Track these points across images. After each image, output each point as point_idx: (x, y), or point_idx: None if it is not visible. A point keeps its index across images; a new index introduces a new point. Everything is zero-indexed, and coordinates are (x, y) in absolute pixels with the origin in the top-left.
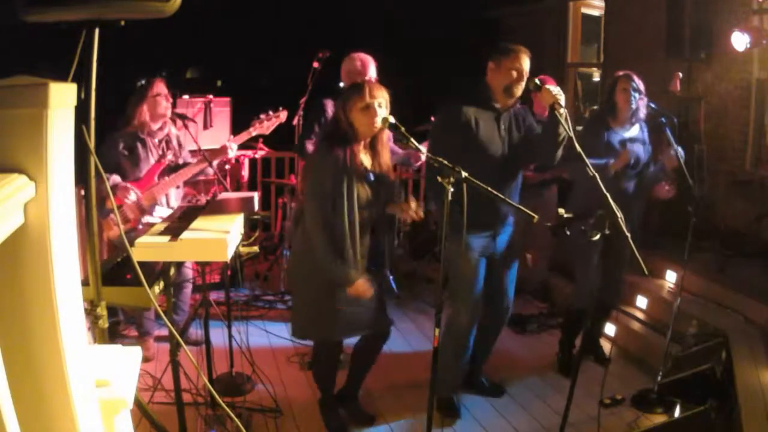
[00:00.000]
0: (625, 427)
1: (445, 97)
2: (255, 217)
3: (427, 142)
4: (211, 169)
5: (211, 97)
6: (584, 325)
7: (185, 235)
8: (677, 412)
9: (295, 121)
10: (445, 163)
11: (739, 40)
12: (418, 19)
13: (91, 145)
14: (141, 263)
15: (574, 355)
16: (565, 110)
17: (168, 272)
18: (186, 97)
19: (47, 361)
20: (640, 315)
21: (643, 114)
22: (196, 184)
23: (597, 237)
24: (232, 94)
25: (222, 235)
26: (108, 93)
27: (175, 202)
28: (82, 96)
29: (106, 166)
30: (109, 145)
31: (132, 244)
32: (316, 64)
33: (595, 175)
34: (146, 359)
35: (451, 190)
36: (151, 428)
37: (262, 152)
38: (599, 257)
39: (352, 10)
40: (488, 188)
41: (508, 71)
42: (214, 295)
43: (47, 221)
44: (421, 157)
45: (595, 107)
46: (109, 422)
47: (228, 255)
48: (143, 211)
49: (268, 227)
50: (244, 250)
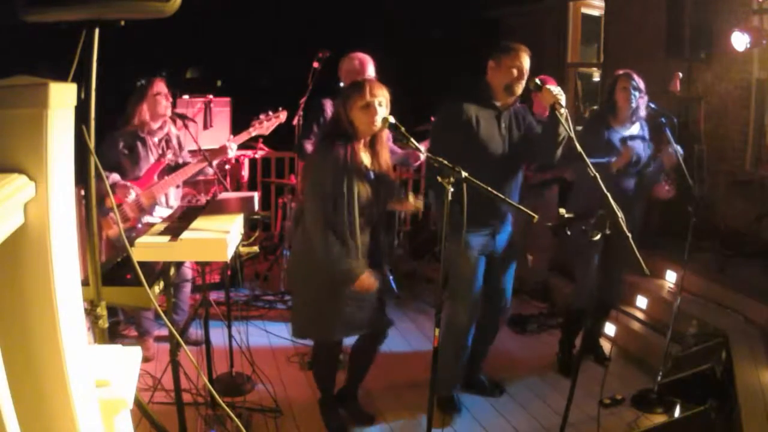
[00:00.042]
0: (625, 427)
1: (445, 97)
2: (255, 217)
3: (428, 141)
4: (211, 169)
5: (211, 97)
6: (584, 325)
7: (185, 235)
8: (677, 412)
9: (295, 121)
10: (445, 163)
11: (739, 40)
12: (418, 19)
13: (91, 145)
14: (141, 263)
15: (574, 355)
16: (565, 110)
17: (168, 272)
18: (186, 97)
19: (47, 361)
20: (640, 315)
21: (643, 112)
22: (196, 184)
23: (598, 237)
24: (232, 94)
25: (222, 235)
26: (108, 93)
27: (174, 202)
28: (82, 96)
29: (105, 164)
30: (109, 144)
31: (131, 244)
32: (316, 64)
33: (596, 175)
34: (146, 359)
35: (451, 190)
36: (151, 428)
37: (262, 152)
38: (599, 257)
39: (352, 10)
40: (488, 188)
41: (509, 69)
42: (214, 295)
43: (47, 221)
44: (419, 157)
45: (595, 107)
46: (109, 422)
47: (228, 255)
48: (142, 210)
49: (268, 227)
50: (244, 250)
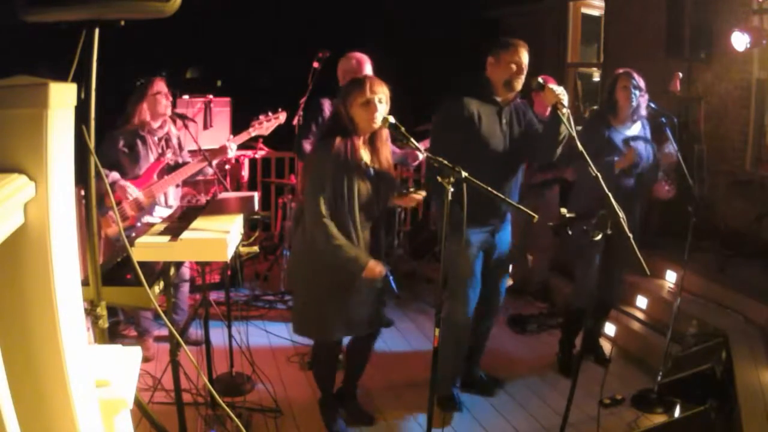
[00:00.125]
0: (625, 427)
1: (445, 95)
2: (255, 217)
3: (428, 140)
4: (211, 169)
5: (211, 97)
6: (584, 325)
7: (185, 235)
8: (677, 412)
9: (296, 121)
10: (445, 162)
11: (739, 40)
12: (418, 19)
13: (91, 145)
14: (141, 263)
15: (575, 356)
16: (567, 110)
17: (168, 272)
18: (186, 97)
19: (47, 361)
20: (640, 315)
21: (644, 111)
22: (196, 184)
23: (599, 237)
24: (232, 94)
25: (222, 235)
26: (108, 93)
27: (174, 201)
28: (82, 96)
29: (105, 163)
30: (109, 143)
31: (131, 243)
32: (316, 64)
33: (598, 174)
34: (146, 359)
35: (451, 190)
36: (151, 428)
37: (262, 152)
38: (600, 257)
39: (352, 10)
40: (488, 188)
41: (508, 65)
42: (214, 295)
43: (47, 221)
44: (418, 157)
45: (596, 107)
46: (109, 422)
47: (228, 255)
48: (142, 209)
49: (268, 227)
50: (244, 250)
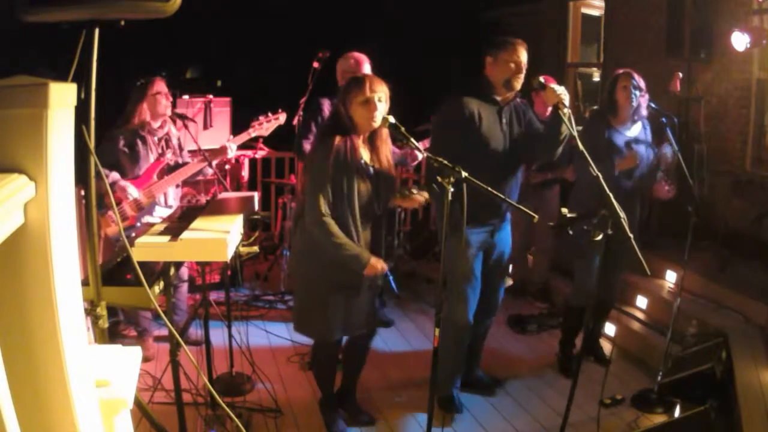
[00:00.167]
0: (625, 427)
1: (445, 95)
2: (255, 217)
3: (428, 140)
4: (211, 169)
5: (211, 97)
6: (584, 325)
7: (185, 235)
8: (677, 412)
9: (296, 121)
10: (445, 162)
11: (739, 40)
12: (418, 19)
13: (91, 145)
14: (141, 263)
15: (575, 356)
16: (568, 110)
17: (168, 272)
18: (186, 97)
19: (47, 361)
20: (640, 315)
21: (644, 112)
22: (196, 184)
23: (600, 237)
24: (232, 94)
25: (222, 235)
26: (108, 93)
27: (173, 202)
28: (82, 96)
29: (105, 162)
30: (109, 143)
31: (131, 243)
32: (316, 64)
33: (599, 174)
34: (146, 359)
35: (452, 190)
36: (151, 428)
37: (262, 152)
38: (600, 257)
39: (352, 10)
40: (488, 188)
41: (506, 64)
42: (214, 295)
43: (47, 221)
44: (417, 157)
45: (596, 107)
46: (109, 422)
47: (228, 255)
48: (141, 209)
49: (268, 227)
50: (244, 250)
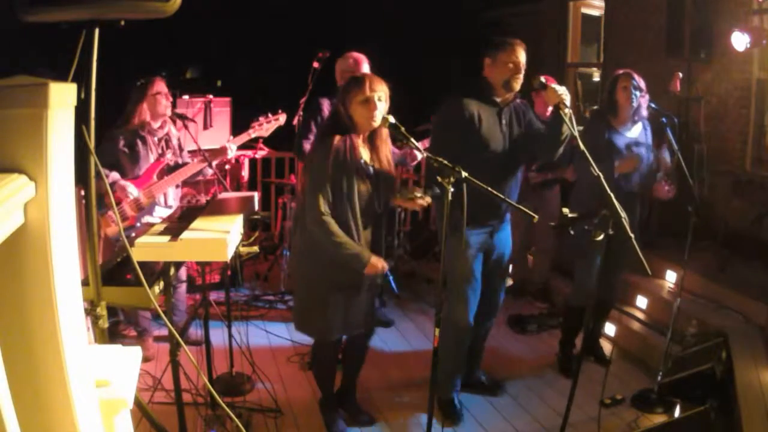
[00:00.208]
0: (625, 427)
1: (445, 95)
2: (255, 217)
3: (428, 140)
4: (211, 170)
5: (211, 97)
6: (584, 325)
7: (185, 235)
8: (677, 412)
9: (296, 121)
10: (445, 162)
11: (739, 40)
12: (418, 19)
13: (91, 145)
14: (141, 263)
15: (575, 356)
16: (569, 110)
17: (168, 272)
18: (186, 97)
19: (47, 361)
20: (640, 315)
21: (645, 112)
22: (196, 184)
23: (601, 237)
24: (232, 94)
25: (222, 235)
26: (108, 93)
27: (173, 202)
28: (82, 96)
29: (105, 162)
30: (109, 143)
31: (131, 243)
32: (316, 64)
33: (600, 175)
34: (146, 359)
35: (452, 190)
36: (151, 428)
37: (262, 152)
38: (601, 257)
39: (352, 10)
40: (488, 188)
41: (505, 65)
42: (214, 295)
43: (47, 221)
44: (417, 157)
45: (596, 107)
46: (109, 422)
47: (228, 255)
48: (141, 209)
49: (268, 227)
50: (244, 250)
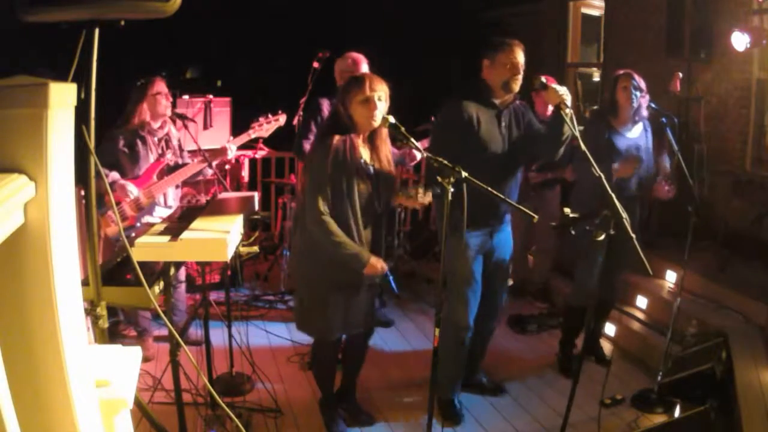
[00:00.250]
0: (625, 427)
1: (445, 96)
2: (255, 217)
3: (427, 140)
4: (210, 170)
5: (211, 97)
6: (584, 325)
7: (185, 235)
8: (677, 412)
9: (296, 121)
10: (445, 163)
11: (739, 40)
12: (418, 19)
13: (91, 145)
14: (141, 263)
15: (575, 356)
16: (570, 110)
17: (168, 272)
18: (186, 97)
19: (47, 361)
20: (640, 315)
21: (645, 112)
22: (196, 184)
23: (602, 237)
24: (232, 94)
25: (222, 235)
26: (108, 93)
27: (173, 202)
28: (82, 96)
29: (105, 162)
30: (109, 143)
31: (130, 243)
32: (316, 64)
33: (601, 175)
34: (146, 359)
35: (452, 190)
36: (151, 428)
37: (262, 152)
38: (602, 257)
39: (352, 10)
40: (488, 188)
41: (504, 66)
42: (214, 295)
43: (47, 221)
44: (416, 157)
45: (596, 107)
46: (109, 422)
47: (228, 255)
48: (141, 209)
49: (268, 227)
50: (244, 250)
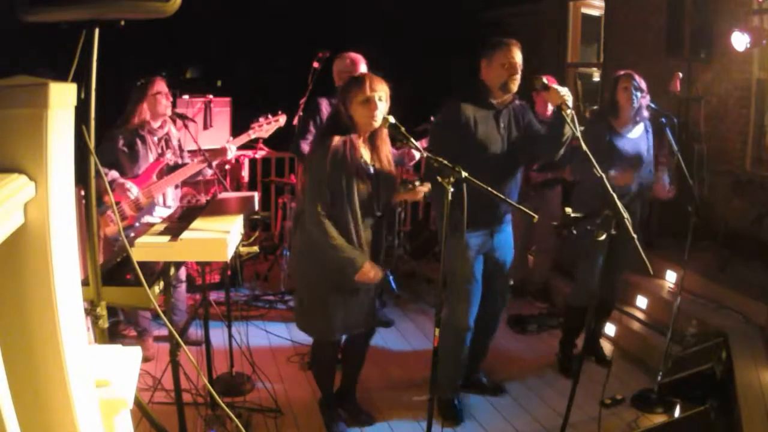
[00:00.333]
0: (625, 427)
1: (445, 97)
2: (255, 217)
3: (426, 141)
4: (210, 170)
5: (211, 97)
6: (585, 325)
7: (185, 235)
8: (677, 412)
9: (296, 121)
10: (445, 163)
11: (739, 40)
12: (418, 19)
13: (91, 145)
14: (141, 263)
15: (575, 356)
16: (571, 111)
17: (168, 272)
18: (186, 97)
19: (47, 361)
20: (640, 315)
21: (646, 113)
22: (196, 184)
23: (603, 237)
24: (232, 94)
25: (222, 235)
26: (108, 93)
27: (172, 202)
28: (82, 96)
29: (104, 161)
30: (109, 141)
31: (129, 243)
32: (316, 64)
33: (602, 175)
34: (146, 359)
35: (451, 190)
36: (151, 428)
37: (262, 152)
38: (603, 257)
39: (352, 10)
40: (488, 188)
41: (501, 66)
42: (214, 295)
43: (47, 221)
44: (414, 157)
45: (596, 107)
46: (109, 422)
47: (228, 255)
48: (140, 209)
49: (268, 227)
50: (244, 250)
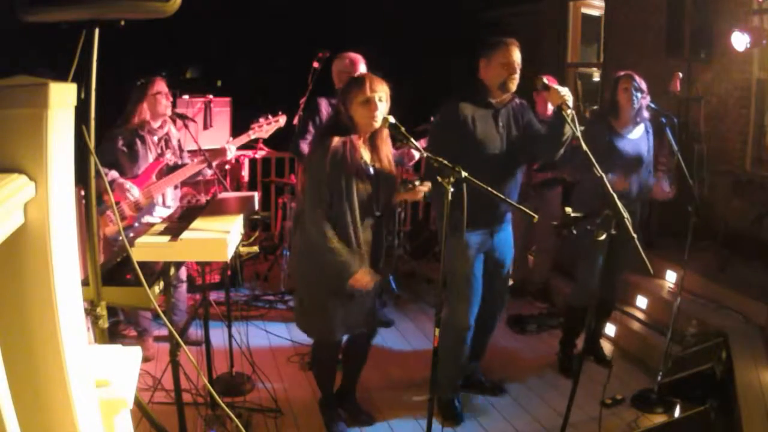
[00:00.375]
0: (625, 427)
1: (446, 96)
2: (255, 217)
3: (426, 140)
4: (210, 170)
5: (211, 97)
6: (585, 325)
7: (185, 235)
8: (677, 412)
9: (296, 121)
10: (445, 162)
11: (739, 40)
12: (418, 19)
13: (91, 145)
14: (141, 263)
15: (575, 356)
16: (572, 111)
17: (168, 272)
18: (186, 97)
19: (47, 361)
20: (640, 315)
21: (646, 114)
22: (196, 184)
23: (603, 237)
24: (232, 94)
25: (222, 235)
26: (108, 93)
27: (172, 202)
28: (82, 96)
29: (104, 161)
30: (108, 141)
31: (129, 243)
32: (316, 64)
33: (602, 175)
34: (146, 359)
35: (451, 190)
36: (151, 428)
37: (262, 152)
38: (603, 257)
39: (352, 10)
40: (488, 188)
41: (500, 65)
42: (214, 295)
43: (47, 221)
44: (414, 157)
45: (596, 107)
46: (109, 422)
47: (228, 255)
48: (140, 209)
49: (268, 227)
50: (244, 250)
